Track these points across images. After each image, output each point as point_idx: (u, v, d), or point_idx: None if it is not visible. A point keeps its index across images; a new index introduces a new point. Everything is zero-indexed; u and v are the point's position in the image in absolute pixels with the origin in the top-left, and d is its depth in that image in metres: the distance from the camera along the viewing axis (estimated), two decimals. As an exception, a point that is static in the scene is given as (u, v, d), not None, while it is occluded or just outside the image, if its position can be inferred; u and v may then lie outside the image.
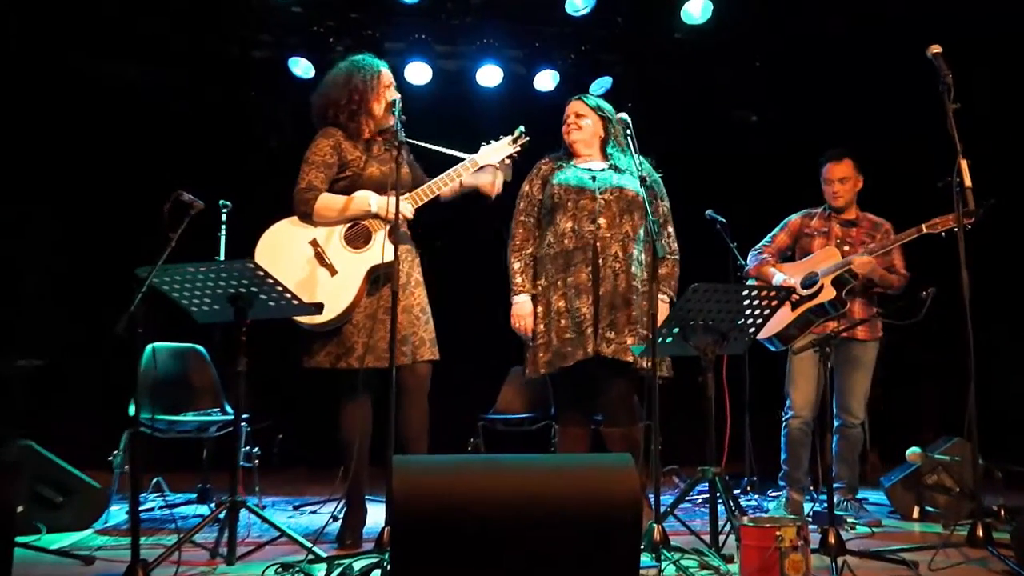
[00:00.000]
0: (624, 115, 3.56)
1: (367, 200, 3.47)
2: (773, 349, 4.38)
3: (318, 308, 3.28)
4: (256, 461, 4.46)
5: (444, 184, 3.57)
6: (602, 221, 3.62)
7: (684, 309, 3.10)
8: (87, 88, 5.77)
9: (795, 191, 4.66)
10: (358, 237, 3.50)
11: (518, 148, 3.74)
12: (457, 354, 6.07)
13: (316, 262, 3.46)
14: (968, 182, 3.26)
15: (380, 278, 3.48)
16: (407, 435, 3.48)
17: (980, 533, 3.22)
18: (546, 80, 6.11)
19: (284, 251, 3.46)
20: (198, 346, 4.80)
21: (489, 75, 6.00)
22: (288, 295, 3.10)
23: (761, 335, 4.20)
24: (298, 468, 5.72)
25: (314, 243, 3.48)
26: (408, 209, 3.50)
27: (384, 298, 3.47)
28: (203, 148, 5.90)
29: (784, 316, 4.24)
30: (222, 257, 4.66)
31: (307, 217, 3.51)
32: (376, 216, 3.48)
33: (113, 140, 5.82)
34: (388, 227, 3.45)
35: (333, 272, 3.44)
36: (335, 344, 3.46)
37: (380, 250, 3.44)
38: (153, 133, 5.86)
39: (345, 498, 3.56)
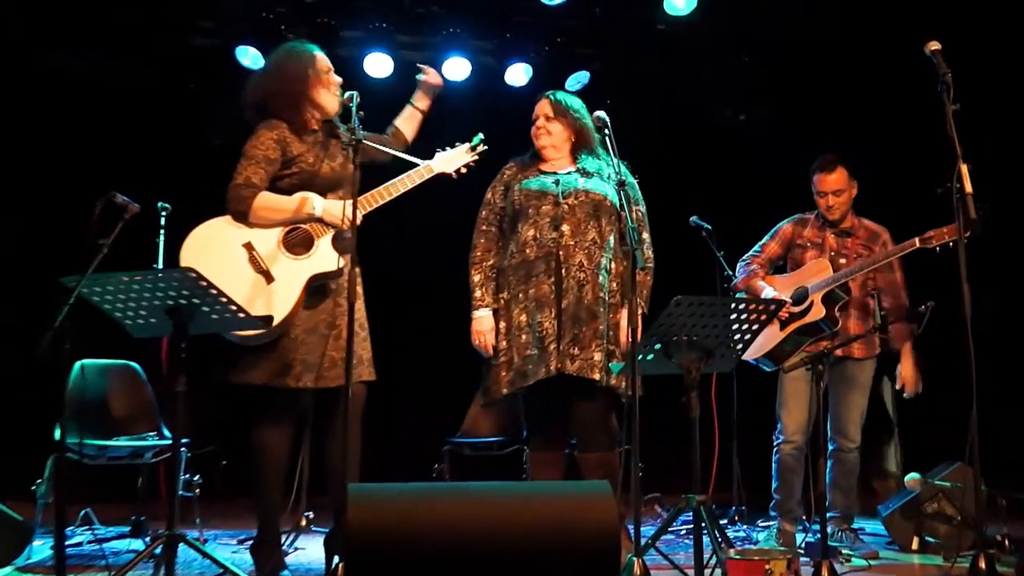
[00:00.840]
0: (602, 113, 3.56)
1: (310, 202, 3.44)
2: (766, 369, 4.42)
3: (267, 322, 3.25)
4: (197, 490, 4.41)
5: (396, 190, 3.57)
6: (565, 228, 3.63)
7: (666, 324, 3.12)
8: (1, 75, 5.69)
9: (786, 195, 4.70)
10: (299, 242, 3.46)
11: (476, 157, 3.77)
12: (420, 373, 6.10)
13: (250, 267, 3.40)
14: (969, 188, 3.29)
15: (324, 288, 3.47)
16: (335, 465, 3.43)
17: (983, 565, 3.24)
18: (518, 74, 6.13)
19: (213, 254, 3.37)
20: (132, 363, 4.75)
21: (456, 68, 6.01)
22: (233, 307, 3.08)
23: (750, 355, 4.24)
24: (243, 498, 5.65)
25: (248, 246, 3.42)
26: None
27: (327, 311, 3.46)
28: (139, 145, 5.85)
29: (773, 335, 4.27)
30: (160, 265, 4.63)
31: (242, 217, 3.44)
32: (320, 220, 3.46)
33: (36, 135, 5.74)
34: (333, 233, 3.44)
35: (269, 279, 3.39)
36: (270, 359, 3.40)
37: (323, 257, 3.41)
38: (83, 128, 5.80)
39: (264, 531, 3.52)
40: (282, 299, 3.37)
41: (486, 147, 3.78)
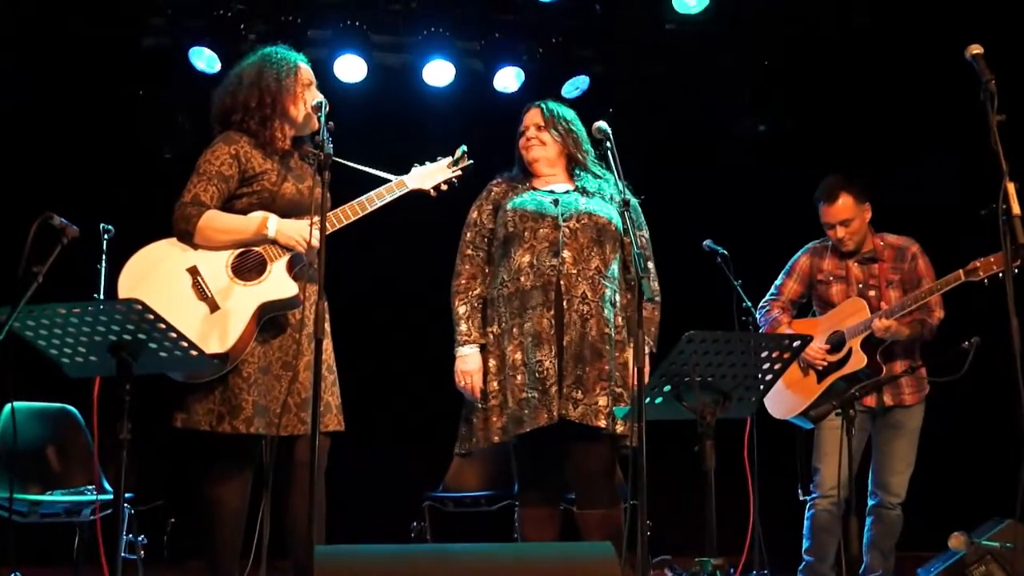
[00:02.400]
0: (603, 124, 3.56)
1: (264, 222, 3.45)
2: (804, 428, 4.42)
3: (222, 360, 3.25)
4: (141, 552, 4.39)
5: (362, 209, 3.56)
6: (566, 254, 3.64)
7: (677, 363, 3.12)
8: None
9: (812, 215, 4.73)
10: (250, 266, 3.45)
11: (459, 172, 3.77)
12: (397, 419, 6.08)
13: (192, 294, 3.39)
14: (1017, 210, 3.32)
15: (280, 322, 3.46)
16: (296, 530, 3.42)
17: (1037, 637, 3.26)
18: (508, 79, 6.16)
19: (154, 279, 3.38)
20: (69, 407, 4.73)
21: (439, 72, 6.05)
22: (184, 343, 3.08)
23: (784, 414, 4.26)
24: (194, 560, 5.63)
25: (193, 271, 3.42)
26: (314, 236, 3.48)
27: (282, 350, 3.46)
28: (79, 160, 5.86)
29: (810, 389, 4.28)
30: (102, 295, 4.63)
31: (187, 237, 3.45)
32: (274, 242, 3.46)
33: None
34: (288, 257, 3.44)
35: (214, 308, 3.38)
36: (218, 400, 3.39)
37: (275, 284, 3.41)
38: (14, 139, 5.80)
39: None
40: (227, 330, 3.35)
41: (471, 161, 3.78)
